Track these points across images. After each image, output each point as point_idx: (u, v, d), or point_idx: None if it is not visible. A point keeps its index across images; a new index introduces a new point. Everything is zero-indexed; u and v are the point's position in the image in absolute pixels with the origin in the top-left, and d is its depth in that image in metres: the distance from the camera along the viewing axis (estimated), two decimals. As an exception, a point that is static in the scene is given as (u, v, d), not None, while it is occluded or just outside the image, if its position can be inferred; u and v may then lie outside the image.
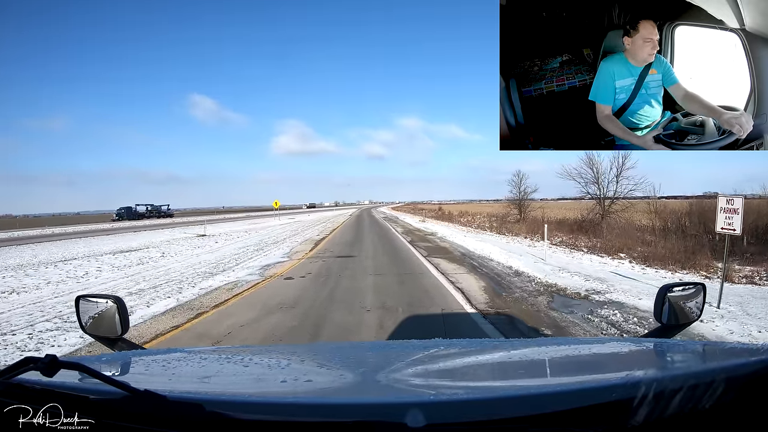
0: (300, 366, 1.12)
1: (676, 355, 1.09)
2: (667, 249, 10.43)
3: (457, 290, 6.73)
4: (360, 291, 6.76)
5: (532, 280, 7.65)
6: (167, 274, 8.89)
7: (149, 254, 12.68)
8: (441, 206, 58.70)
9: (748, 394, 0.65)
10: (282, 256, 11.51)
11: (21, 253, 14.45)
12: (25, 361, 0.67)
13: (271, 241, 16.41)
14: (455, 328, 4.82)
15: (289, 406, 0.70)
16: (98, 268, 10.09)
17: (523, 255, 11.05)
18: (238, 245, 14.86)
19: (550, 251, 11.55)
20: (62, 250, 15.37)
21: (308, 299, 6.28)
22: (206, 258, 11.40)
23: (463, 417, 0.65)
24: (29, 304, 6.40)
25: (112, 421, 0.66)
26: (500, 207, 29.84)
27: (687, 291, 1.38)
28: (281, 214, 45.48)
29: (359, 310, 5.57)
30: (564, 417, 0.63)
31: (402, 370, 1.00)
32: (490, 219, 27.27)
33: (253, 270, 9.13)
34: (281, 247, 13.93)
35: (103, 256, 12.74)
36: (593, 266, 9.40)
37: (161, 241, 17.59)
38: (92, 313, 1.39)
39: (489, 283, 7.34)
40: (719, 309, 5.30)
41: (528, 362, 1.13)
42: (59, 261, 11.81)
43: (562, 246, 13.68)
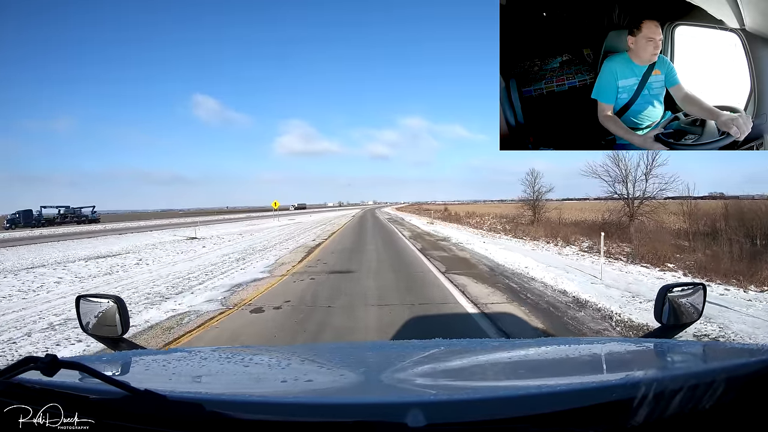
0: (300, 366, 1.12)
1: (677, 356, 1.09)
2: (715, 257, 8.79)
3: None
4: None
5: (607, 316, 5.29)
6: (120, 293, 7.64)
7: (125, 261, 11.45)
8: (446, 207, 57.38)
9: (749, 395, 0.65)
10: (263, 270, 9.42)
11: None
12: (25, 361, 0.67)
13: (260, 246, 14.63)
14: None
15: (289, 406, 0.70)
16: (59, 278, 8.96)
17: (569, 270, 8.77)
18: (224, 251, 13.28)
19: (588, 260, 9.79)
20: (36, 254, 14.17)
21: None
22: (179, 269, 9.78)
23: (464, 417, 0.65)
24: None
25: (112, 421, 0.66)
26: (508, 208, 28.89)
27: (687, 291, 1.38)
28: (281, 215, 43.49)
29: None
30: (564, 417, 0.63)
31: (402, 370, 1.00)
32: (500, 220, 26.02)
33: (219, 292, 7.08)
34: (267, 256, 11.79)
35: (76, 262, 11.53)
36: (655, 284, 6.98)
37: (146, 245, 16.60)
38: (93, 313, 1.39)
39: (549, 324, 4.95)
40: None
41: (529, 362, 1.13)
42: (24, 268, 10.63)
43: (593, 253, 11.63)
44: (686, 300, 1.36)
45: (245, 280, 8.24)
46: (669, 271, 8.85)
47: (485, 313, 5.41)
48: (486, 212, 35.81)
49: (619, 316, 5.23)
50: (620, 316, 5.22)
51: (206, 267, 10.09)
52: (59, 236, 25.45)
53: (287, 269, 9.44)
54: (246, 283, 7.85)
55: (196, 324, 5.28)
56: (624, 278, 7.92)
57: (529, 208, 24.51)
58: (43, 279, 8.91)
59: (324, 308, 5.82)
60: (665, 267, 9.19)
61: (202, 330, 5.04)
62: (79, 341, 4.57)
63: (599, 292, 6.60)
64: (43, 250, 15.72)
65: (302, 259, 11.03)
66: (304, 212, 69.23)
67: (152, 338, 4.80)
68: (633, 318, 5.14)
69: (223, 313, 5.75)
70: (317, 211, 76.24)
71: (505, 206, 31.74)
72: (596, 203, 21.19)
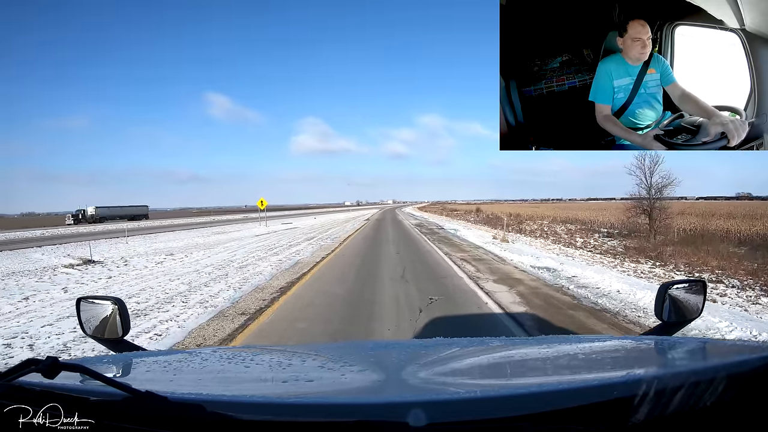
0: (301, 366, 1.12)
1: (677, 353, 1.09)
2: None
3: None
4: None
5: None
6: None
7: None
8: (479, 208, 46.78)
9: (750, 392, 0.65)
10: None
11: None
12: (26, 363, 0.67)
13: (182, 288, 7.09)
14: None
15: (290, 406, 0.70)
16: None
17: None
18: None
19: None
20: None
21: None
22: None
23: (465, 416, 0.65)
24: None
25: (113, 422, 0.66)
26: (549, 208, 22.18)
27: (687, 288, 1.38)
28: (266, 218, 30.71)
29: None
30: (565, 415, 0.63)
31: (403, 369, 1.00)
32: (583, 230, 18.89)
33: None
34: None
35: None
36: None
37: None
38: (93, 314, 1.39)
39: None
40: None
41: (529, 360, 1.13)
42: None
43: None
44: (686, 297, 1.36)
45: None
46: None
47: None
48: (530, 214, 27.85)
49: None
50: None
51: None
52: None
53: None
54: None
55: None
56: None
57: (641, 212, 16.49)
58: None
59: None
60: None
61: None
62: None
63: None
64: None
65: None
66: (307, 214, 56.54)
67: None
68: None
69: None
70: (331, 212, 65.97)
71: (545, 206, 29.15)
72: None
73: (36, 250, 15.68)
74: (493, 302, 5.83)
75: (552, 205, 19.58)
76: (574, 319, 5.07)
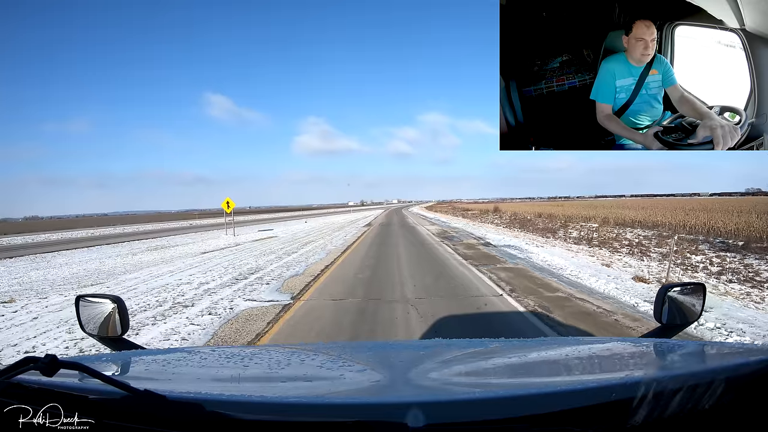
0: (300, 366, 1.12)
1: (676, 356, 1.09)
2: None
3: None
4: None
5: None
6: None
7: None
8: (497, 207, 42.67)
9: (748, 395, 0.65)
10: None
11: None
12: (25, 361, 0.67)
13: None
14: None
15: (289, 406, 0.70)
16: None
17: None
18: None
19: None
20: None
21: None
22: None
23: (464, 417, 0.65)
24: None
25: (112, 421, 0.66)
26: (572, 207, 18.31)
27: (687, 291, 1.38)
28: (233, 224, 23.15)
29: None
30: (564, 417, 0.63)
31: (402, 369, 1.00)
32: (688, 241, 12.25)
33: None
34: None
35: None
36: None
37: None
38: (92, 313, 1.39)
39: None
40: None
41: (528, 362, 1.13)
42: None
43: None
44: (686, 300, 1.36)
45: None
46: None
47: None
48: (557, 213, 24.39)
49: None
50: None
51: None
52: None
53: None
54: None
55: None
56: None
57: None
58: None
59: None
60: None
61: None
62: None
63: None
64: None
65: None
66: (303, 216, 50.55)
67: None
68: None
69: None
70: (330, 213, 59.02)
71: (568, 204, 27.40)
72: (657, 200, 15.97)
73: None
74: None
75: (576, 203, 18.19)
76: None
